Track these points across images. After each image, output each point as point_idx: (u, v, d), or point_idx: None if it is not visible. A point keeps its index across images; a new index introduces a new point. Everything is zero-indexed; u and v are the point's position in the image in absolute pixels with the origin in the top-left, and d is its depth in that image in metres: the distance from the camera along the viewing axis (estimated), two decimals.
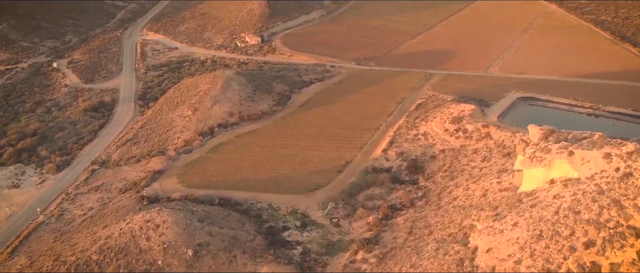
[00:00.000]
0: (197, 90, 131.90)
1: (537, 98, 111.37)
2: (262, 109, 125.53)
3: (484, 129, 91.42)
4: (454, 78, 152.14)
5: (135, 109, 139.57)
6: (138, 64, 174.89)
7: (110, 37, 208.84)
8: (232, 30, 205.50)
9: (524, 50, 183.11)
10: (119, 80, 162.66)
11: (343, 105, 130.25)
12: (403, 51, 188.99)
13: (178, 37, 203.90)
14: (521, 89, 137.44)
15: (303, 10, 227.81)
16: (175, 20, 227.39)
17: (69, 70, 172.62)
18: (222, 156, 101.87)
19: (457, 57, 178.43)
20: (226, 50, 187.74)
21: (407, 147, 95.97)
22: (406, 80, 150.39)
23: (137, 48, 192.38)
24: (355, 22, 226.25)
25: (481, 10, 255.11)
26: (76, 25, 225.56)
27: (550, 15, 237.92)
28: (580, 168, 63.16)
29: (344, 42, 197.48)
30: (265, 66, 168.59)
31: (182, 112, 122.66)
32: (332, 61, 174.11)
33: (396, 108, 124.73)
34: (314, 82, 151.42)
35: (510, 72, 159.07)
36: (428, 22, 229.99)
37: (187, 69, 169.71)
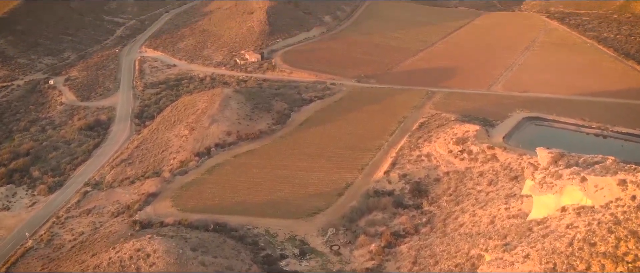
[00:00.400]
0: (195, 109, 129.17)
1: (543, 118, 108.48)
2: (261, 128, 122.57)
3: (489, 151, 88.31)
4: (456, 96, 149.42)
5: (131, 127, 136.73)
6: (136, 82, 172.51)
7: (109, 54, 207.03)
8: (232, 47, 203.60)
9: (527, 68, 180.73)
10: (116, 98, 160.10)
11: (344, 123, 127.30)
12: (404, 68, 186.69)
13: (177, 54, 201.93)
14: (526, 107, 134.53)
15: (303, 28, 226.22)
16: (175, 37, 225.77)
17: (65, 87, 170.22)
18: (218, 177, 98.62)
19: (459, 74, 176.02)
20: (225, 67, 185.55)
21: (410, 169, 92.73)
22: (408, 98, 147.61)
23: (136, 65, 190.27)
24: (355, 39, 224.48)
25: (482, 28, 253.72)
26: (75, 41, 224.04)
27: (553, 32, 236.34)
28: (594, 196, 59.88)
29: (345, 59, 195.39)
30: (265, 84, 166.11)
31: (178, 131, 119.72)
32: (333, 78, 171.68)
33: (398, 127, 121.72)
34: (314, 100, 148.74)
35: (513, 90, 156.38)
36: (428, 39, 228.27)
37: (185, 86, 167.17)
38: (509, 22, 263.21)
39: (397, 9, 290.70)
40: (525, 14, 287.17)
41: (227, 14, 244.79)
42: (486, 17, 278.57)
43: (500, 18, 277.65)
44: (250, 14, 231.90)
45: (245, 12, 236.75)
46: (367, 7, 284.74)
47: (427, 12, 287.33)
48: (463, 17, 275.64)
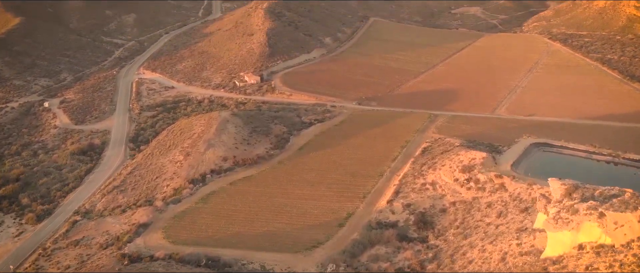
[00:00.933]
0: (191, 133, 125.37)
1: (552, 144, 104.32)
2: (259, 153, 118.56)
3: (497, 180, 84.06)
4: (459, 120, 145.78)
5: (125, 152, 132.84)
6: (132, 104, 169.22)
7: (106, 75, 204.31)
8: (231, 69, 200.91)
9: (531, 91, 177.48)
10: (111, 121, 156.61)
11: (344, 148, 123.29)
12: (405, 91, 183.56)
13: (175, 76, 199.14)
14: (532, 132, 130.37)
15: (303, 49, 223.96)
16: (174, 58, 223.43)
17: (60, 110, 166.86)
18: (213, 206, 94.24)
19: (462, 97, 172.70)
20: (224, 89, 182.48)
21: (415, 198, 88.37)
22: (410, 121, 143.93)
23: (133, 87, 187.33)
24: (356, 61, 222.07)
25: (483, 49, 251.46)
26: (72, 63, 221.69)
27: (555, 53, 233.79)
28: (614, 234, 55.64)
29: (345, 81, 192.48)
30: (264, 106, 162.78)
31: (173, 156, 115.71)
32: (333, 101, 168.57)
33: (400, 152, 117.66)
34: (314, 123, 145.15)
35: (518, 113, 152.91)
36: (430, 61, 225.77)
37: (183, 109, 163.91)
38: (510, 44, 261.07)
39: (398, 31, 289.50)
40: (527, 36, 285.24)
41: (227, 36, 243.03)
42: (487, 39, 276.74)
43: (502, 39, 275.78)
44: (250, 35, 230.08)
45: (246, 33, 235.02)
46: (367, 29, 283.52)
47: (427, 34, 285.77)
48: (464, 39, 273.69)
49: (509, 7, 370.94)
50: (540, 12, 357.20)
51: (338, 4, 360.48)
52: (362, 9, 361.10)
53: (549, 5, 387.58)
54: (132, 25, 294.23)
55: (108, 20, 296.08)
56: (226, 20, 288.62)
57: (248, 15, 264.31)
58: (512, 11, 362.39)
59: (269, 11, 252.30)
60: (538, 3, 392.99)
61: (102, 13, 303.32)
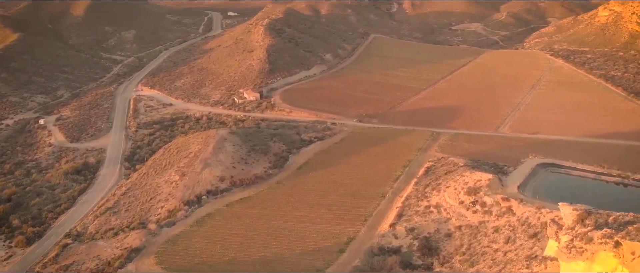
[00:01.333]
0: (187, 152, 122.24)
1: (559, 165, 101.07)
2: (257, 173, 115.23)
3: (504, 203, 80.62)
4: (462, 138, 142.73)
5: (120, 171, 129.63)
6: (129, 122, 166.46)
7: (104, 92, 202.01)
8: (231, 86, 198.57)
9: (535, 108, 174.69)
10: (108, 139, 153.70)
11: (345, 167, 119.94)
12: (407, 108, 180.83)
13: (174, 93, 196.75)
14: (537, 151, 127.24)
15: (304, 66, 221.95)
16: (172, 75, 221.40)
17: (55, 127, 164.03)
18: (208, 230, 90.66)
19: (465, 114, 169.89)
20: (223, 106, 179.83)
21: (418, 222, 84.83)
22: (412, 139, 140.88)
23: (130, 104, 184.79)
24: (356, 77, 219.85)
25: (485, 66, 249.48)
26: (69, 79, 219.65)
27: (558, 70, 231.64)
28: (631, 265, 52.08)
29: (346, 98, 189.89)
30: (263, 123, 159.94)
31: (169, 176, 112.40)
32: (333, 118, 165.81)
33: (403, 172, 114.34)
34: (313, 141, 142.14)
35: (522, 131, 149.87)
36: (431, 77, 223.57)
37: (180, 126, 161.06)
38: (512, 60, 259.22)
39: (398, 47, 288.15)
40: (529, 52, 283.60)
41: (226, 52, 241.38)
42: (489, 55, 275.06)
43: (503, 56, 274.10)
44: (250, 52, 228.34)
45: (245, 50, 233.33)
46: (368, 45, 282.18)
47: (428, 51, 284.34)
48: (465, 55, 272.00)
49: (510, 24, 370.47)
50: (541, 28, 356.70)
51: (338, 20, 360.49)
52: (362, 26, 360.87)
53: (550, 21, 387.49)
54: (131, 41, 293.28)
55: (107, 37, 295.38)
56: (226, 37, 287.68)
57: (248, 31, 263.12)
58: (513, 27, 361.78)
59: (269, 28, 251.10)
60: (539, 19, 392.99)
61: (101, 29, 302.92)
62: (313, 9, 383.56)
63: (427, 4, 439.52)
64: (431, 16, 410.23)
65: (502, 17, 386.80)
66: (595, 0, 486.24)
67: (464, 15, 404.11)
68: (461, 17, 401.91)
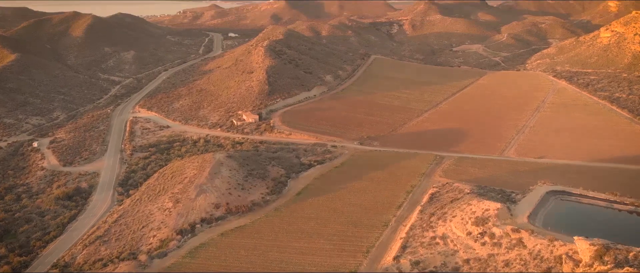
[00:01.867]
0: (182, 177, 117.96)
1: (569, 192, 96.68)
2: (254, 199, 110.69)
3: (514, 235, 76.06)
4: (467, 162, 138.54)
5: (113, 197, 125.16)
6: (124, 145, 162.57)
7: (100, 114, 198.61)
8: (229, 108, 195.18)
9: (540, 131, 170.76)
10: (102, 163, 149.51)
11: (345, 194, 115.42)
12: (409, 130, 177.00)
13: (171, 115, 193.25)
14: (544, 176, 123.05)
15: (304, 87, 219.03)
16: (171, 96, 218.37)
17: (49, 150, 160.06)
18: (201, 262, 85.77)
19: (468, 137, 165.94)
20: (221, 128, 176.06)
21: (424, 254, 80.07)
22: (415, 163, 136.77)
23: (127, 126, 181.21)
24: (357, 99, 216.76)
25: (487, 87, 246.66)
26: (66, 100, 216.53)
27: (562, 92, 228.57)
28: None
29: (346, 119, 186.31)
30: (262, 146, 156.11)
31: (162, 203, 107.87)
32: (334, 140, 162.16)
33: (406, 199, 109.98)
34: (313, 165, 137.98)
35: (528, 155, 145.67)
36: (433, 99, 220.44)
37: (177, 149, 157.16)
38: (515, 82, 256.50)
39: (399, 68, 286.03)
40: (531, 74, 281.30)
41: (226, 74, 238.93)
42: (491, 77, 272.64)
43: (506, 77, 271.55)
44: (249, 73, 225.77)
45: (245, 71, 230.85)
46: (368, 66, 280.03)
47: (429, 72, 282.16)
48: (467, 77, 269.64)
49: (511, 45, 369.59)
50: (542, 49, 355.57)
51: (339, 41, 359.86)
52: (362, 47, 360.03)
53: (551, 42, 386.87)
54: (130, 62, 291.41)
55: (106, 57, 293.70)
56: (226, 58, 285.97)
57: (248, 52, 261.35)
58: (514, 49, 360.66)
59: (270, 49, 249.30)
60: (540, 40, 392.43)
61: (100, 50, 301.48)
62: (314, 30, 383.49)
63: (427, 26, 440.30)
64: (432, 37, 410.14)
65: (503, 38, 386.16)
66: (596, 21, 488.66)
67: (464, 37, 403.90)
68: (462, 38, 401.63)
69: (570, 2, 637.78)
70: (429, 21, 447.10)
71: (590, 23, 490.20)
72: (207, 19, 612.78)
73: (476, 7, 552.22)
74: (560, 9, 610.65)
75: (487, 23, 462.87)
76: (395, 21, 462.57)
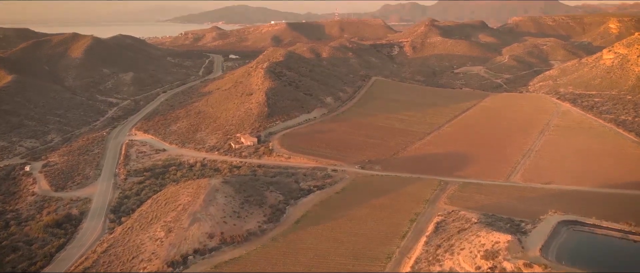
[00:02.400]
0: (176, 204, 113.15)
1: (582, 222, 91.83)
2: (250, 228, 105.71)
3: (527, 270, 71.12)
4: (472, 188, 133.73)
5: (104, 224, 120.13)
6: (119, 169, 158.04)
7: (96, 136, 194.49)
8: (227, 130, 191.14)
9: (546, 155, 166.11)
10: (95, 188, 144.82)
11: (346, 222, 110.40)
12: (411, 154, 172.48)
13: (168, 138, 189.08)
14: (554, 204, 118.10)
15: (304, 109, 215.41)
16: (168, 119, 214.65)
17: (41, 174, 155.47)
18: None
19: (473, 161, 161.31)
20: (219, 152, 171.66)
21: None
22: (418, 189, 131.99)
23: (122, 150, 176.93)
24: (358, 121, 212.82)
25: (490, 110, 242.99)
26: (61, 123, 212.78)
27: (566, 114, 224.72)
28: None
29: (347, 142, 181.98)
30: (260, 170, 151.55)
31: (154, 232, 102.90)
32: (334, 164, 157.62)
33: (410, 227, 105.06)
34: (313, 190, 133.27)
35: (535, 181, 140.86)
36: (435, 121, 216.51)
37: (172, 174, 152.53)
38: (518, 104, 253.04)
39: (401, 90, 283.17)
40: (534, 96, 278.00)
41: (225, 95, 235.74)
42: (493, 99, 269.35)
43: (508, 99, 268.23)
44: (249, 95, 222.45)
45: (244, 93, 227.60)
46: (369, 88, 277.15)
47: (431, 94, 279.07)
48: (469, 99, 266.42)
49: (513, 66, 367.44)
50: (544, 71, 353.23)
51: (339, 63, 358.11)
52: (363, 68, 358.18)
53: (553, 64, 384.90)
54: (129, 83, 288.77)
55: (105, 79, 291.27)
56: (226, 79, 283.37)
57: (248, 74, 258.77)
58: (516, 70, 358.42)
59: (269, 71, 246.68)
60: (542, 62, 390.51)
61: (99, 71, 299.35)
62: (314, 51, 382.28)
63: (428, 47, 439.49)
64: (432, 59, 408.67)
65: (504, 60, 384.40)
66: (597, 43, 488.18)
67: (465, 58, 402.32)
68: (463, 60, 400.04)
69: (570, 24, 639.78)
70: (430, 43, 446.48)
71: (591, 45, 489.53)
72: (209, 40, 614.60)
73: (476, 29, 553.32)
74: (561, 31, 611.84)
75: (488, 45, 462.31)
76: (395, 43, 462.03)
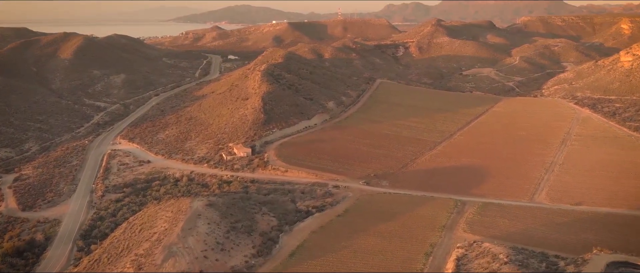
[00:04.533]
0: (151, 231, 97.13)
1: (635, 264, 75.93)
2: (235, 264, 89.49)
3: None
4: (493, 210, 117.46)
5: (70, 254, 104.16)
6: (97, 184, 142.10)
7: (76, 145, 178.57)
8: (219, 139, 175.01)
9: (571, 169, 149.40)
10: (67, 207, 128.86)
11: (349, 256, 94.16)
12: (421, 166, 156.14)
13: (154, 147, 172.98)
14: (586, 230, 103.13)
15: (304, 115, 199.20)
16: (157, 125, 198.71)
17: (10, 190, 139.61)
18: None
19: (490, 176, 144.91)
20: (208, 164, 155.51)
21: None
22: (432, 212, 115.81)
23: (103, 161, 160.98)
24: (362, 128, 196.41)
25: (504, 116, 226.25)
26: (42, 130, 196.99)
27: (587, 122, 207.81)
28: None
29: (350, 153, 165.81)
30: (252, 186, 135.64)
31: (123, 267, 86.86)
32: (336, 179, 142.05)
33: (425, 263, 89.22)
34: (311, 212, 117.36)
35: (562, 201, 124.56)
36: (446, 129, 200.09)
37: (155, 190, 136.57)
38: (533, 110, 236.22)
39: (407, 94, 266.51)
40: (550, 101, 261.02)
41: (219, 100, 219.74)
42: (506, 103, 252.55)
43: (523, 104, 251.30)
44: (244, 100, 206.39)
45: (240, 98, 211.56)
46: (374, 91, 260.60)
47: (440, 98, 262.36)
48: (481, 103, 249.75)
49: (524, 68, 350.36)
50: (557, 73, 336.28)
51: (342, 64, 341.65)
52: (367, 70, 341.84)
53: (565, 66, 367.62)
54: (120, 86, 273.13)
55: (95, 81, 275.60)
56: (222, 82, 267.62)
57: (245, 77, 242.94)
58: (528, 73, 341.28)
59: (267, 73, 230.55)
60: (554, 64, 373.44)
61: (89, 73, 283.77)
62: (316, 52, 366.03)
63: (434, 48, 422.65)
64: (439, 60, 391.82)
65: (515, 62, 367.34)
66: (609, 44, 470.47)
67: (474, 60, 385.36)
68: (471, 61, 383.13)
69: (580, 24, 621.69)
70: (437, 43, 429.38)
71: (603, 45, 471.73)
72: (209, 40, 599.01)
73: (484, 29, 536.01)
74: (570, 31, 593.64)
75: (497, 45, 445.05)
76: (401, 43, 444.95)
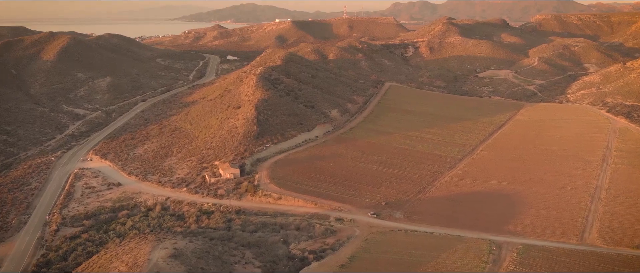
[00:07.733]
0: None
1: None
2: None
3: None
4: (538, 256, 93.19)
5: None
6: (53, 214, 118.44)
7: (41, 163, 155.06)
8: (204, 156, 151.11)
9: (620, 196, 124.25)
10: (11, 246, 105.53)
11: None
12: (442, 192, 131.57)
13: (129, 166, 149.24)
14: None
15: (303, 127, 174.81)
16: (136, 138, 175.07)
17: None
18: None
19: (526, 206, 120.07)
20: (188, 188, 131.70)
21: None
22: (461, 260, 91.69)
23: (66, 184, 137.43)
24: (370, 142, 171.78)
25: (530, 125, 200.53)
26: (8, 143, 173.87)
27: (625, 134, 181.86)
28: None
29: (357, 174, 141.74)
30: (237, 220, 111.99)
31: None
32: (340, 208, 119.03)
33: None
34: (307, 260, 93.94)
35: (620, 243, 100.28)
36: (466, 141, 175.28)
37: (121, 223, 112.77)
38: (562, 118, 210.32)
39: (420, 99, 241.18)
40: (579, 107, 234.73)
41: (209, 108, 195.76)
42: (530, 110, 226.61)
43: (548, 112, 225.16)
44: (236, 108, 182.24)
45: (231, 105, 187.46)
46: (382, 97, 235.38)
47: (456, 104, 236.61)
48: (502, 110, 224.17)
49: (544, 71, 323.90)
50: (580, 76, 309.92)
51: (348, 65, 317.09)
52: (374, 72, 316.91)
53: (588, 68, 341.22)
54: (104, 90, 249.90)
55: (77, 85, 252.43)
56: (215, 86, 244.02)
57: (240, 81, 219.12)
58: (549, 75, 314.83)
59: (263, 77, 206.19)
60: (575, 65, 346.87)
61: (72, 76, 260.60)
62: (319, 53, 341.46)
63: (446, 48, 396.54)
64: (452, 61, 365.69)
65: (534, 63, 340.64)
66: (629, 44, 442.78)
67: (489, 61, 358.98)
68: (486, 62, 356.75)
69: (597, 23, 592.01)
70: (449, 43, 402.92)
71: (623, 45, 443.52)
72: (209, 39, 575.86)
73: (498, 28, 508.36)
74: (587, 30, 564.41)
75: (513, 45, 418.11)
76: (410, 43, 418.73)
